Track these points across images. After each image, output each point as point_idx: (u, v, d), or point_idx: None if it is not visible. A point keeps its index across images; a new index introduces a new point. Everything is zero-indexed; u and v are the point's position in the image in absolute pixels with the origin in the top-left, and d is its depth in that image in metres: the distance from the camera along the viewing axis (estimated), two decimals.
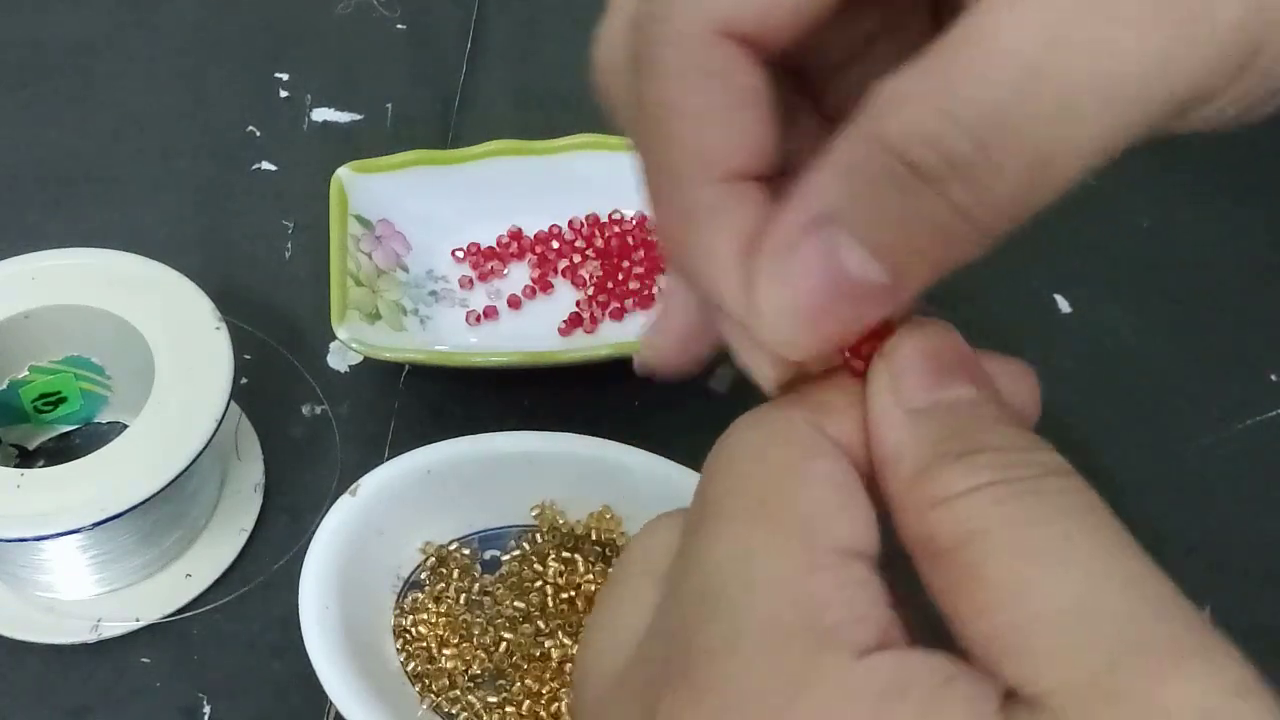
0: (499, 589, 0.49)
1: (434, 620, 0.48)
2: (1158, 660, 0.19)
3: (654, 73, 0.23)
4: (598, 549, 0.50)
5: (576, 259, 0.59)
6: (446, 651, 0.47)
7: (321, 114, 0.66)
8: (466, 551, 0.50)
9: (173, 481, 0.45)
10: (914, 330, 0.24)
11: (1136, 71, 0.21)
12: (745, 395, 0.25)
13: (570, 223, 0.60)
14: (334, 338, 0.53)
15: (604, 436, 0.50)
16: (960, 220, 0.21)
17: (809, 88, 0.27)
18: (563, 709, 0.46)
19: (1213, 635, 0.20)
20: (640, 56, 0.24)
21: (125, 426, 0.48)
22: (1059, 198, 0.23)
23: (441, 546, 0.49)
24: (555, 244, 0.59)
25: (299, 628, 0.44)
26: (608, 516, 0.50)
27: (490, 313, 0.57)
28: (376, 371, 0.56)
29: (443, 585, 0.49)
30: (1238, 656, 0.20)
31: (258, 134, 0.65)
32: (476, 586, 0.49)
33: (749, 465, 0.23)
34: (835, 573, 0.21)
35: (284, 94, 0.67)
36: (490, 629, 0.48)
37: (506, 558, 0.50)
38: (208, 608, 0.49)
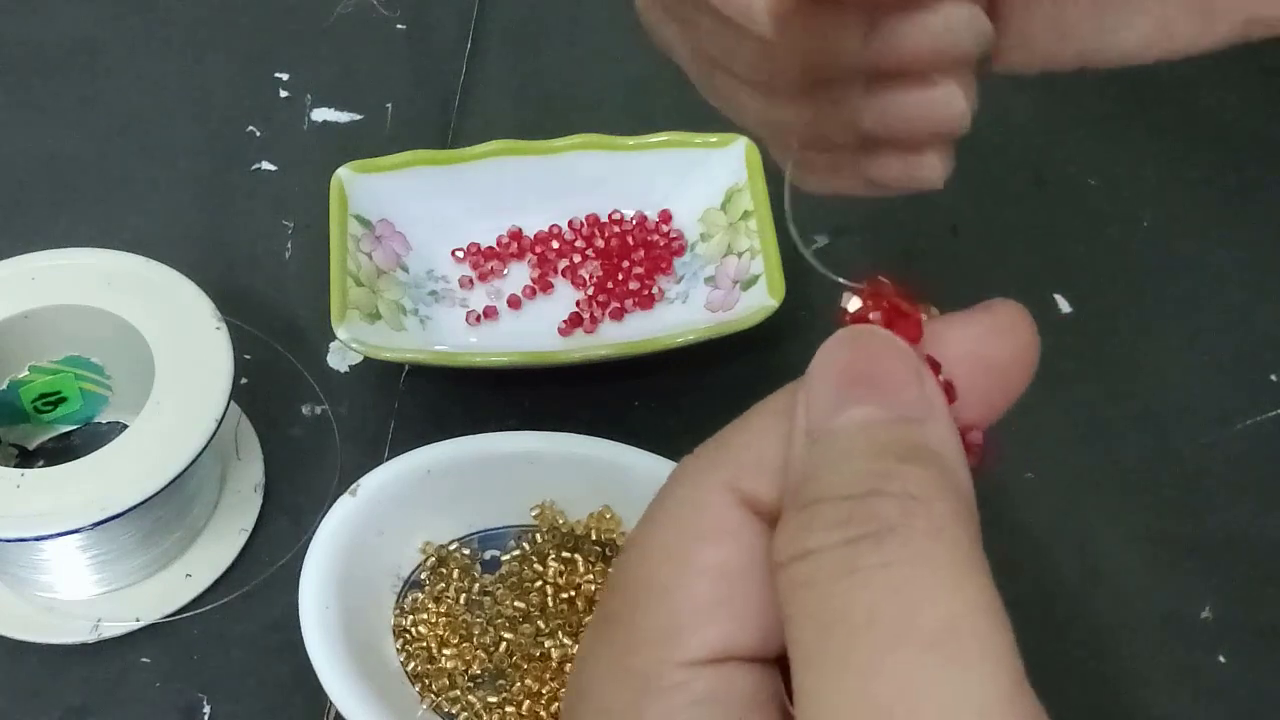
0: (499, 589, 0.49)
1: (434, 620, 0.48)
2: None
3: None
4: (598, 549, 0.50)
5: (576, 259, 0.59)
6: (446, 651, 0.47)
7: (321, 114, 0.66)
8: (466, 551, 0.50)
9: (173, 481, 0.45)
10: (837, 339, 0.23)
11: None
12: (746, 394, 0.25)
13: (570, 223, 0.60)
14: (334, 338, 0.53)
15: (604, 436, 0.50)
16: None
17: None
18: (563, 709, 0.46)
19: None
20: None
21: (125, 426, 0.48)
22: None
23: (441, 546, 0.49)
24: (555, 244, 0.59)
25: (299, 628, 0.44)
26: (608, 516, 0.50)
27: (490, 313, 0.57)
28: (376, 371, 0.56)
29: (443, 585, 0.49)
30: None
31: (258, 134, 0.65)
32: (476, 586, 0.49)
33: (641, 546, 0.22)
34: (674, 697, 0.20)
35: (284, 94, 0.67)
36: (490, 629, 0.48)
37: (506, 558, 0.50)
38: (208, 608, 0.49)
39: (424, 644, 0.47)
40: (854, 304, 0.23)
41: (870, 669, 0.18)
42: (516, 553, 0.50)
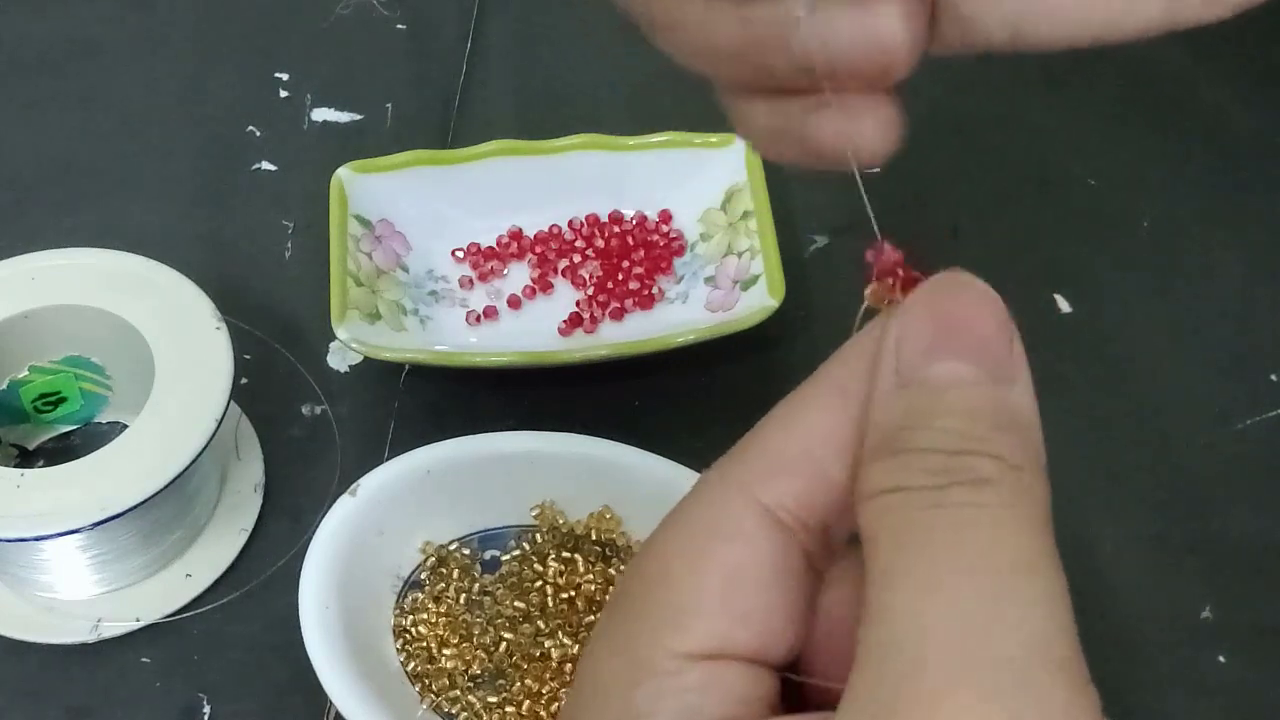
0: (499, 589, 0.49)
1: (434, 620, 0.48)
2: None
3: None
4: (598, 549, 0.50)
5: (576, 259, 0.59)
6: (446, 651, 0.47)
7: (321, 114, 0.66)
8: (466, 551, 0.50)
9: (173, 481, 0.45)
10: (926, 288, 0.23)
11: None
12: (746, 394, 0.25)
13: (570, 223, 0.60)
14: (334, 338, 0.53)
15: (604, 436, 0.50)
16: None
17: None
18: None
19: (1050, 695, 0.19)
20: None
21: (125, 426, 0.48)
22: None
23: (441, 546, 0.49)
24: (555, 244, 0.59)
25: (299, 628, 0.44)
26: (608, 516, 0.50)
27: (490, 313, 0.57)
28: (376, 371, 0.56)
29: (443, 585, 0.49)
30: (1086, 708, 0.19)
31: (258, 134, 0.65)
32: (476, 586, 0.49)
33: (659, 537, 0.22)
34: (664, 684, 0.20)
35: (284, 94, 0.67)
36: (490, 629, 0.48)
37: (506, 558, 0.50)
38: (208, 608, 0.49)
39: (424, 644, 0.47)
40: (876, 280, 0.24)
41: (951, 587, 0.19)
42: (516, 553, 0.50)
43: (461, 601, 0.49)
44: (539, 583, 0.49)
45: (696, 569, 0.21)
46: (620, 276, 0.58)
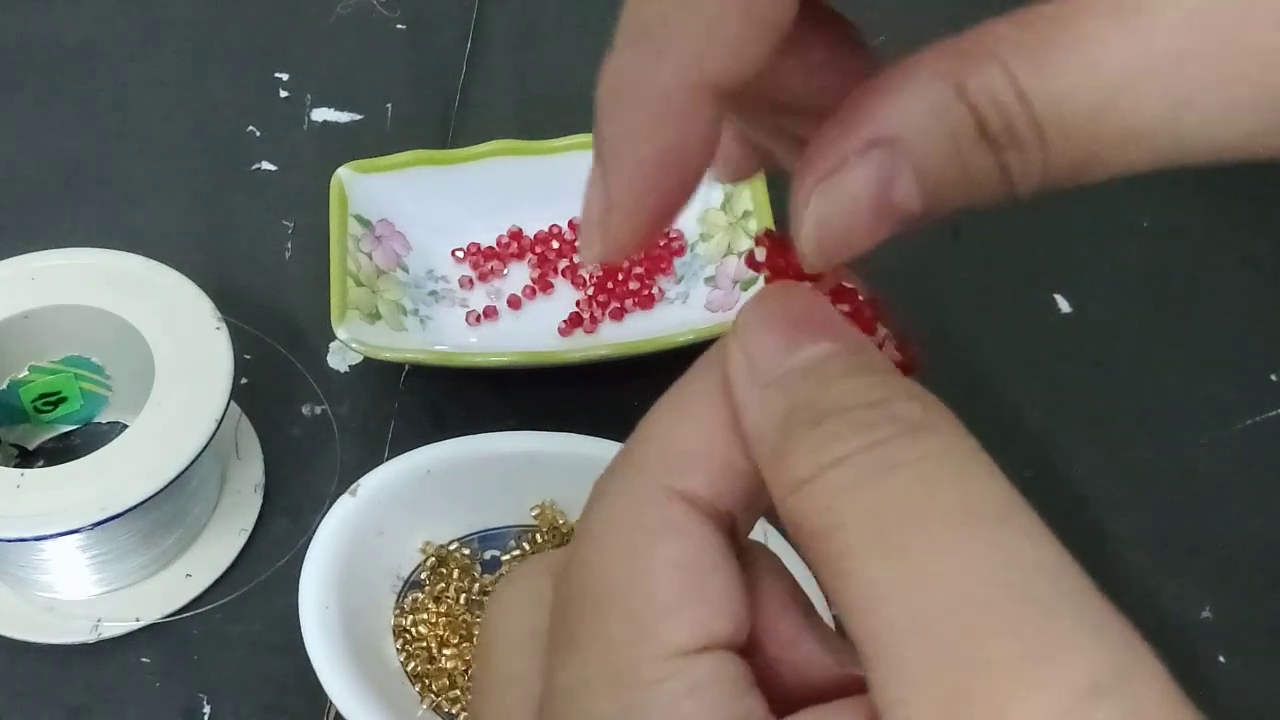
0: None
1: (434, 620, 0.48)
2: (1009, 672, 0.17)
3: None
4: None
5: (576, 259, 0.59)
6: (446, 651, 0.47)
7: (321, 114, 0.66)
8: (466, 551, 0.50)
9: (173, 481, 0.45)
10: (758, 296, 0.23)
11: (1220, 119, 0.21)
12: None
13: (570, 223, 0.60)
14: (334, 338, 0.53)
15: (604, 436, 0.50)
16: (1001, 179, 0.22)
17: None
18: None
19: (1086, 615, 0.18)
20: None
21: (125, 426, 0.48)
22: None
23: (441, 546, 0.49)
24: (555, 244, 0.59)
25: (299, 628, 0.44)
26: None
27: (490, 313, 0.57)
28: (376, 371, 0.56)
29: (443, 585, 0.49)
30: (1112, 640, 0.18)
31: (258, 134, 0.65)
32: (476, 586, 0.49)
33: (594, 556, 0.22)
34: (669, 687, 0.20)
35: (284, 94, 0.67)
36: None
37: (506, 558, 0.50)
38: (208, 608, 0.49)
39: (424, 644, 0.47)
40: (760, 254, 0.25)
41: (949, 549, 0.18)
42: (516, 553, 0.50)
43: (461, 601, 0.49)
44: None
45: (643, 573, 0.21)
46: (620, 276, 0.58)
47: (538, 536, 0.50)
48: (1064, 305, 0.60)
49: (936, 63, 0.22)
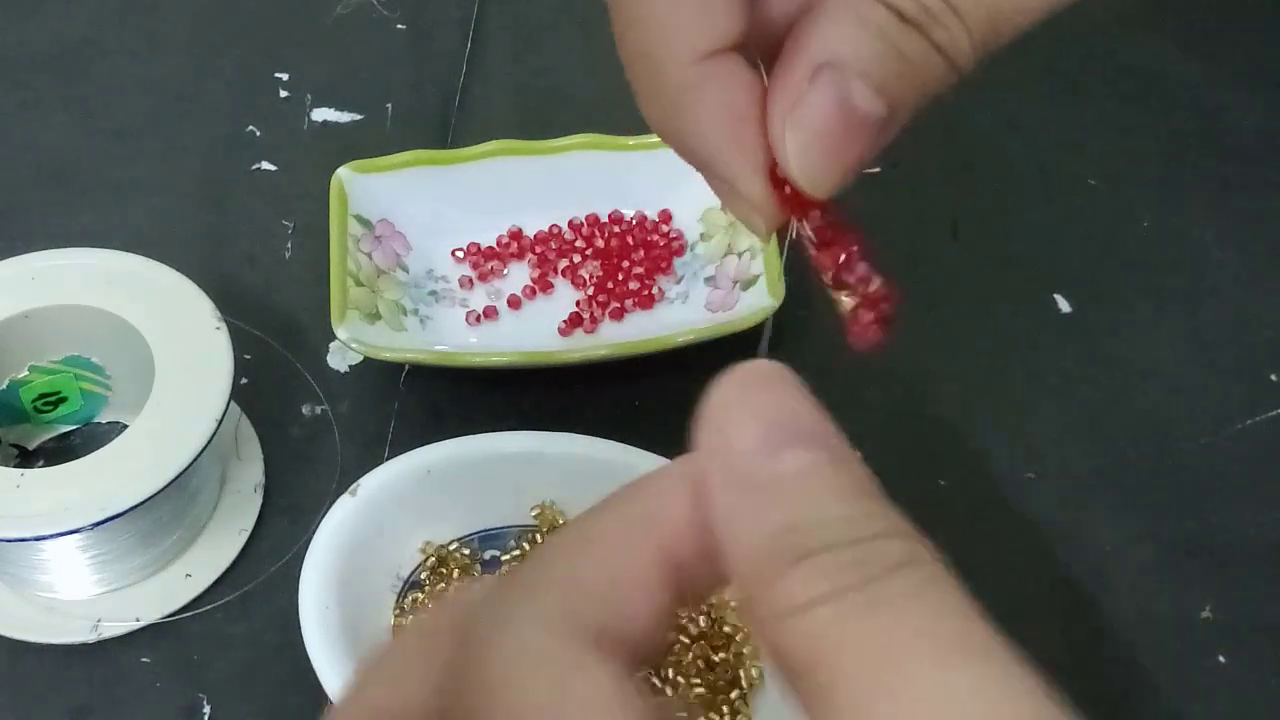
0: None
1: None
2: None
3: None
4: None
5: (576, 259, 0.59)
6: None
7: (321, 114, 0.66)
8: (466, 551, 0.50)
9: (173, 481, 0.45)
10: (738, 383, 0.21)
11: None
12: None
13: (570, 223, 0.60)
14: (334, 338, 0.53)
15: (604, 436, 0.50)
16: (938, 57, 0.25)
17: None
18: None
19: None
20: None
21: (125, 426, 0.48)
22: (1019, 38, 0.26)
23: (441, 546, 0.49)
24: (555, 244, 0.59)
25: (299, 628, 0.44)
26: None
27: (490, 313, 0.57)
28: (376, 371, 0.56)
29: (443, 585, 0.49)
30: None
31: (258, 134, 0.65)
32: None
33: (498, 695, 0.20)
34: None
35: (284, 94, 0.67)
36: None
37: (506, 558, 0.50)
38: (208, 608, 0.49)
39: None
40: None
41: (934, 686, 0.18)
42: (516, 553, 0.50)
43: None
44: None
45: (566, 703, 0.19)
46: (620, 276, 0.58)
47: (537, 536, 0.50)
48: (1064, 305, 0.60)
49: None
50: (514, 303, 0.58)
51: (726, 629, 0.48)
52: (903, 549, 0.19)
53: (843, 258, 0.26)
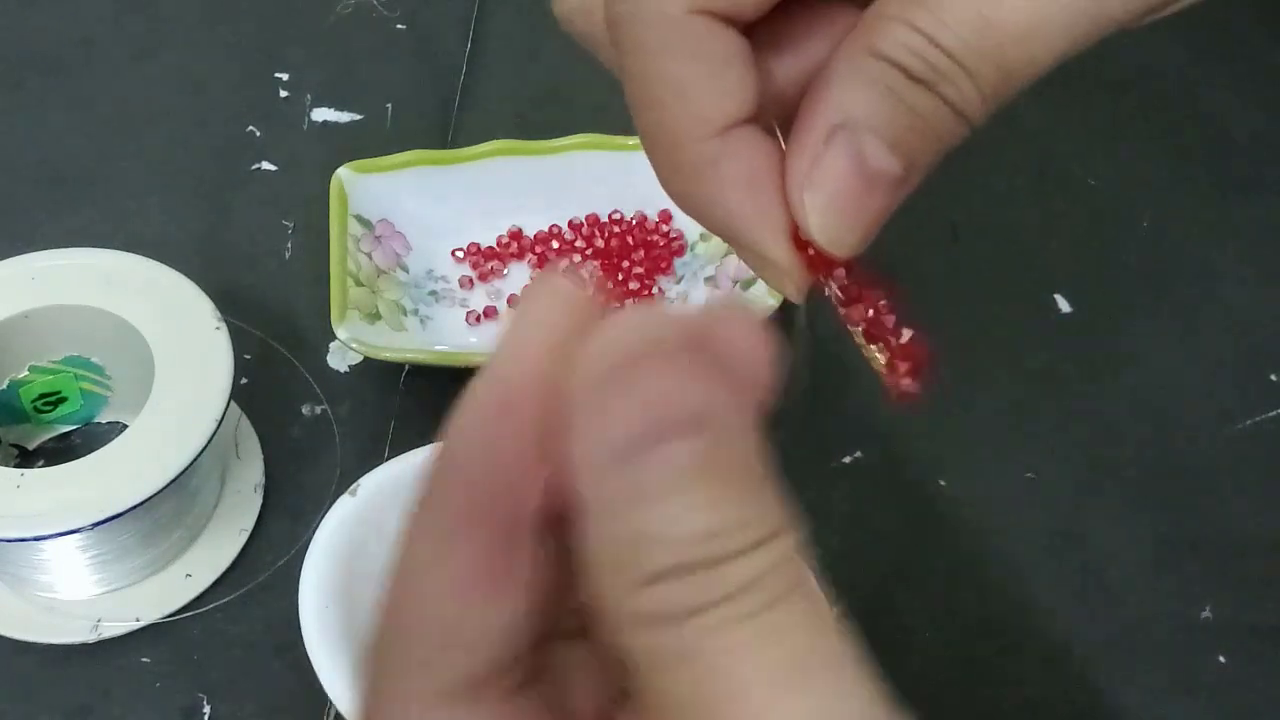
0: None
1: None
2: None
3: (639, 49, 0.26)
4: None
5: (576, 259, 0.59)
6: None
7: (321, 114, 0.66)
8: None
9: (173, 481, 0.45)
10: (626, 358, 0.20)
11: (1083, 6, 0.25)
12: None
13: (570, 223, 0.60)
14: (334, 338, 0.53)
15: None
16: (949, 112, 0.25)
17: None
18: None
19: None
20: (621, 34, 0.26)
21: (125, 426, 0.48)
22: (1031, 87, 0.26)
23: None
24: (555, 244, 0.59)
25: (299, 628, 0.44)
26: None
27: (490, 313, 0.57)
28: (376, 371, 0.56)
29: None
30: None
31: (258, 134, 0.65)
32: None
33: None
34: None
35: (284, 94, 0.67)
36: None
37: None
38: (208, 608, 0.49)
39: None
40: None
41: (783, 700, 0.18)
42: None
43: None
44: None
45: None
46: (620, 276, 0.58)
47: None
48: (1064, 305, 0.60)
49: (851, 46, 0.25)
50: (514, 303, 0.58)
51: None
52: (758, 565, 0.19)
53: (870, 312, 0.26)
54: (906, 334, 0.26)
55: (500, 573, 0.21)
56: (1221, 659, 0.50)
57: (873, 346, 0.26)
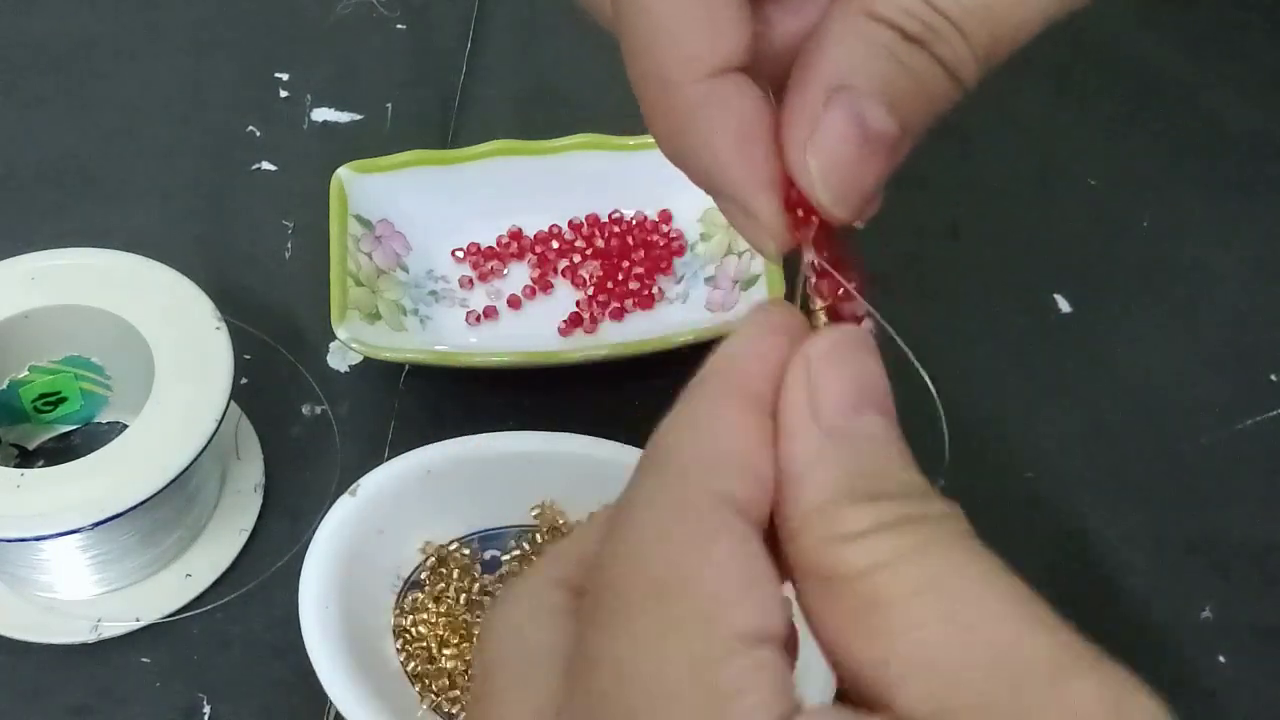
0: (499, 588, 0.49)
1: (434, 620, 0.48)
2: (1052, 676, 0.20)
3: None
4: None
5: (576, 259, 0.59)
6: (446, 651, 0.47)
7: (321, 114, 0.66)
8: (466, 551, 0.50)
9: (173, 481, 0.45)
10: (836, 343, 0.24)
11: None
12: None
13: (570, 223, 0.60)
14: (334, 338, 0.53)
15: (604, 436, 0.50)
16: (943, 73, 0.25)
17: None
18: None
19: (1093, 651, 0.21)
20: None
21: (125, 426, 0.48)
22: (1020, 49, 0.26)
23: (441, 546, 0.49)
24: (555, 244, 0.59)
25: (299, 628, 0.44)
26: None
27: (490, 313, 0.57)
28: (376, 371, 0.56)
29: (443, 585, 0.49)
30: (1118, 666, 0.21)
31: (258, 134, 0.65)
32: (476, 586, 0.49)
33: (648, 549, 0.23)
34: (739, 661, 0.21)
35: (284, 94, 0.67)
36: None
37: (506, 558, 0.50)
38: (208, 608, 0.49)
39: (424, 644, 0.47)
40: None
41: (976, 609, 0.21)
42: (516, 553, 0.50)
43: (461, 601, 0.49)
44: None
45: (713, 563, 0.22)
46: (620, 276, 0.58)
47: (537, 536, 0.50)
48: (1064, 305, 0.60)
49: (846, 7, 0.25)
50: (514, 303, 0.58)
51: None
52: (942, 507, 0.23)
53: (841, 291, 0.26)
54: (868, 322, 0.26)
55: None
56: (1221, 659, 0.50)
57: (831, 324, 0.26)
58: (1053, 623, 0.21)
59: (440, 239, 0.59)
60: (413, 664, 0.47)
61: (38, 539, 0.44)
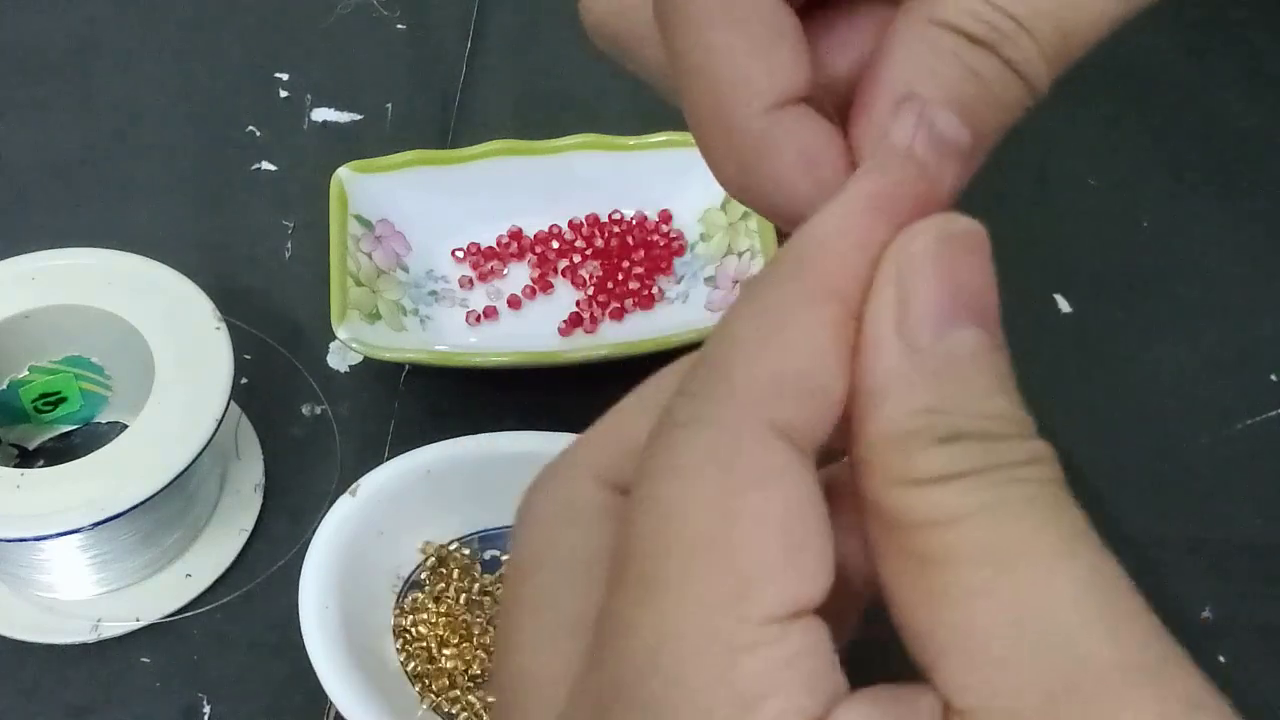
0: (499, 589, 0.49)
1: (434, 620, 0.48)
2: (1104, 684, 0.19)
3: (689, 24, 0.25)
4: None
5: (576, 259, 0.59)
6: (446, 651, 0.47)
7: (321, 114, 0.66)
8: (466, 551, 0.50)
9: (173, 481, 0.45)
10: (938, 238, 0.23)
11: None
12: None
13: (570, 223, 0.60)
14: (334, 338, 0.53)
15: None
16: (1012, 76, 0.25)
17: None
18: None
19: (1166, 645, 0.20)
20: (668, 10, 0.25)
21: (125, 426, 0.48)
22: (1092, 50, 0.26)
23: (441, 546, 0.49)
24: (555, 244, 0.59)
25: (299, 628, 0.44)
26: None
27: (490, 313, 0.57)
28: (376, 371, 0.56)
29: (443, 585, 0.49)
30: (1191, 669, 0.20)
31: (258, 134, 0.65)
32: (476, 586, 0.49)
33: (683, 493, 0.20)
34: (767, 654, 0.19)
35: (284, 94, 0.67)
36: (490, 629, 0.48)
37: (506, 558, 0.50)
38: (208, 608, 0.49)
39: (424, 644, 0.47)
40: None
41: (1053, 568, 0.20)
42: None
43: (461, 601, 0.49)
44: None
45: (751, 526, 0.20)
46: (620, 276, 0.58)
47: None
48: (1064, 305, 0.60)
49: (909, 17, 0.24)
50: (514, 303, 0.58)
51: None
52: (1031, 450, 0.21)
53: None
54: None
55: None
56: (1221, 659, 0.50)
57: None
58: (1126, 612, 0.20)
59: (440, 239, 0.59)
60: (413, 664, 0.47)
61: (38, 539, 0.44)
